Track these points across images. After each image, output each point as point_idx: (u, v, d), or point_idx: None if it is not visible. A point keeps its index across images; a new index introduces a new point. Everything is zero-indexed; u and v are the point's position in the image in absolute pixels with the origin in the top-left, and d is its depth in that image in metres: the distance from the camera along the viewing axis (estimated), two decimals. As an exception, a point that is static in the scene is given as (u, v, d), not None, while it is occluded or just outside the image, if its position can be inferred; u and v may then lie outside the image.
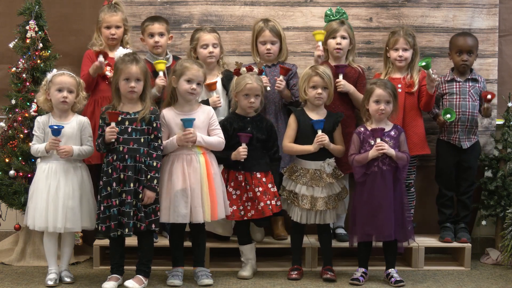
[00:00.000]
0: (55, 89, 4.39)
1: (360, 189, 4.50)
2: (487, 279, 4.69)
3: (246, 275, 4.60)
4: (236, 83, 4.57)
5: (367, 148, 4.47)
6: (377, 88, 4.47)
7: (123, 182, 4.26)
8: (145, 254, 4.41)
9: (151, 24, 4.91)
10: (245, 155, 4.48)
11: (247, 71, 4.59)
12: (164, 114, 4.45)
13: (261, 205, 4.50)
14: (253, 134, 4.54)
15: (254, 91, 4.53)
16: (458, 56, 4.98)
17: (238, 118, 4.60)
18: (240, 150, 4.48)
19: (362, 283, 4.50)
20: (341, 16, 4.95)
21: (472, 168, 5.05)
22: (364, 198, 4.45)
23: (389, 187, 4.42)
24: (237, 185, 4.56)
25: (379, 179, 4.42)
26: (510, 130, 5.17)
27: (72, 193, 4.35)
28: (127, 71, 4.29)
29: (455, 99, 4.99)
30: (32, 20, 4.90)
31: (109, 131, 4.24)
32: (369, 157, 4.43)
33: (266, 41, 4.91)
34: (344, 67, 4.88)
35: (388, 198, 4.40)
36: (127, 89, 4.30)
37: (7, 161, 4.84)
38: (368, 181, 4.45)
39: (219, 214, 4.44)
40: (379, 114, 4.47)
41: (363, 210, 4.45)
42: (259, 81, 4.55)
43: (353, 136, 4.54)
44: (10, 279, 4.57)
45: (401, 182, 4.49)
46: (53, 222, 4.32)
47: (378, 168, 4.43)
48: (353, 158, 4.49)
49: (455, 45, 5.00)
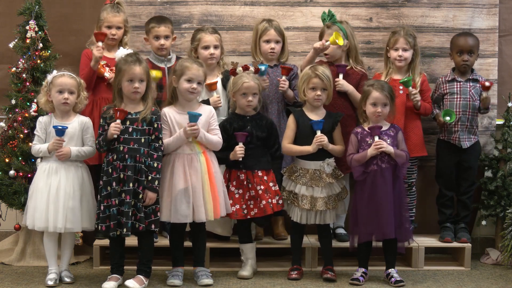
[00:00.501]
0: (56, 91, 4.39)
1: (360, 188, 4.50)
2: (487, 279, 4.69)
3: (246, 274, 4.60)
4: (233, 83, 4.58)
5: (365, 147, 4.47)
6: (374, 91, 4.48)
7: (122, 181, 4.26)
8: (146, 254, 4.41)
9: (157, 26, 4.89)
10: (242, 154, 4.49)
11: (243, 70, 4.59)
12: (165, 112, 4.45)
13: (262, 203, 4.50)
14: (252, 132, 4.54)
15: (252, 89, 4.53)
16: (459, 56, 4.98)
17: (237, 118, 4.60)
18: (236, 150, 4.49)
19: (362, 283, 4.50)
20: (330, 19, 4.93)
21: (472, 168, 5.05)
22: (365, 197, 4.45)
23: (389, 185, 4.42)
24: (239, 184, 4.56)
25: (379, 177, 4.42)
26: (510, 130, 5.17)
27: (72, 193, 4.36)
28: (131, 72, 4.29)
29: (455, 99, 4.99)
30: (32, 20, 4.90)
31: (114, 126, 4.24)
32: (368, 155, 4.43)
33: (270, 40, 4.91)
34: (344, 66, 4.88)
35: (388, 196, 4.40)
36: (130, 90, 4.30)
37: (7, 161, 4.85)
38: (368, 180, 4.45)
39: (221, 212, 4.45)
40: (376, 116, 4.48)
41: (364, 209, 4.45)
42: (256, 79, 4.56)
43: (351, 137, 4.54)
44: (10, 279, 4.57)
45: (400, 180, 4.49)
46: (54, 222, 4.32)
47: (378, 166, 4.43)
48: (352, 158, 4.49)
49: (456, 45, 5.00)
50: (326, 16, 4.95)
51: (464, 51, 4.96)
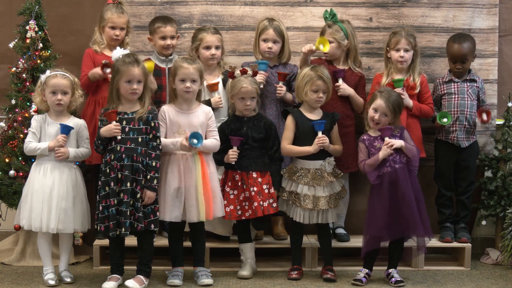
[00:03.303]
0: (49, 92, 4.39)
1: (377, 192, 4.44)
2: (487, 279, 4.69)
3: (246, 274, 4.60)
4: (232, 86, 4.59)
5: (375, 152, 4.46)
6: (379, 99, 4.47)
7: (120, 181, 4.26)
8: (145, 254, 4.41)
9: (163, 26, 4.88)
10: (235, 159, 4.50)
11: (241, 74, 4.59)
12: (164, 109, 4.47)
13: (254, 205, 4.50)
14: (248, 134, 4.55)
15: (249, 94, 4.54)
16: (452, 64, 4.99)
17: (235, 120, 4.62)
18: (229, 153, 4.51)
19: (364, 284, 4.50)
20: (331, 19, 4.93)
21: (471, 168, 5.05)
22: (385, 199, 4.39)
23: (407, 183, 4.39)
24: (234, 185, 4.56)
25: (395, 178, 4.39)
26: (510, 130, 5.17)
27: (66, 194, 4.36)
28: (129, 73, 4.29)
29: (453, 99, 4.99)
30: (32, 20, 4.90)
31: (114, 129, 4.25)
32: (380, 158, 4.41)
33: (268, 39, 4.90)
34: (342, 71, 4.88)
35: (409, 194, 4.38)
36: (128, 91, 4.30)
37: (7, 161, 4.85)
38: (384, 182, 4.41)
39: (215, 214, 4.45)
40: (373, 123, 4.48)
41: (385, 211, 4.38)
42: (253, 83, 4.57)
43: (359, 145, 4.53)
44: (10, 279, 4.57)
45: (415, 178, 4.46)
46: (47, 222, 4.32)
47: (391, 167, 4.42)
48: (364, 164, 4.48)
49: (449, 53, 5.00)
50: (328, 15, 4.95)
51: (457, 60, 4.96)
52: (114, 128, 4.25)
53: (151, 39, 4.95)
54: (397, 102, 4.49)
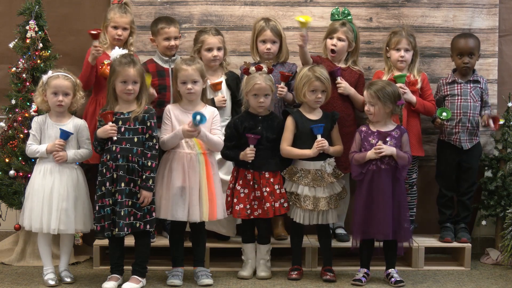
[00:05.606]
0: (50, 92, 4.38)
1: (359, 188, 4.51)
2: (487, 279, 4.69)
3: (246, 275, 4.60)
4: (246, 83, 4.56)
5: (367, 147, 4.46)
6: (365, 91, 4.51)
7: (116, 181, 4.26)
8: (140, 254, 4.40)
9: (167, 27, 4.87)
10: (252, 157, 4.48)
11: (256, 70, 4.57)
12: (169, 108, 4.47)
13: (266, 206, 4.50)
14: (262, 134, 4.53)
15: (263, 91, 4.52)
16: (459, 59, 4.96)
17: (249, 117, 4.59)
18: (247, 152, 4.49)
19: (364, 283, 4.50)
20: (344, 18, 4.93)
21: (473, 169, 5.04)
22: (363, 196, 4.45)
23: (387, 185, 4.41)
24: (245, 183, 4.55)
25: (376, 177, 4.42)
26: (510, 130, 5.17)
27: (66, 195, 4.35)
28: (125, 73, 4.29)
29: (456, 100, 4.97)
30: (32, 20, 4.90)
31: (109, 130, 4.25)
32: (367, 158, 4.43)
33: (266, 40, 4.90)
34: (338, 69, 4.87)
35: (385, 196, 4.40)
36: (123, 91, 4.31)
37: (7, 161, 4.85)
38: (365, 180, 4.45)
39: (218, 215, 4.45)
40: (369, 115, 4.50)
41: (361, 209, 4.45)
42: (268, 80, 4.54)
43: (356, 134, 4.55)
44: (10, 279, 4.58)
45: (401, 182, 4.48)
46: (47, 223, 4.32)
47: (376, 166, 4.43)
48: (353, 156, 4.50)
49: (456, 48, 4.98)
50: (338, 13, 4.94)
51: (464, 54, 4.94)
52: (109, 129, 4.25)
53: (154, 39, 4.95)
54: (379, 88, 4.43)
